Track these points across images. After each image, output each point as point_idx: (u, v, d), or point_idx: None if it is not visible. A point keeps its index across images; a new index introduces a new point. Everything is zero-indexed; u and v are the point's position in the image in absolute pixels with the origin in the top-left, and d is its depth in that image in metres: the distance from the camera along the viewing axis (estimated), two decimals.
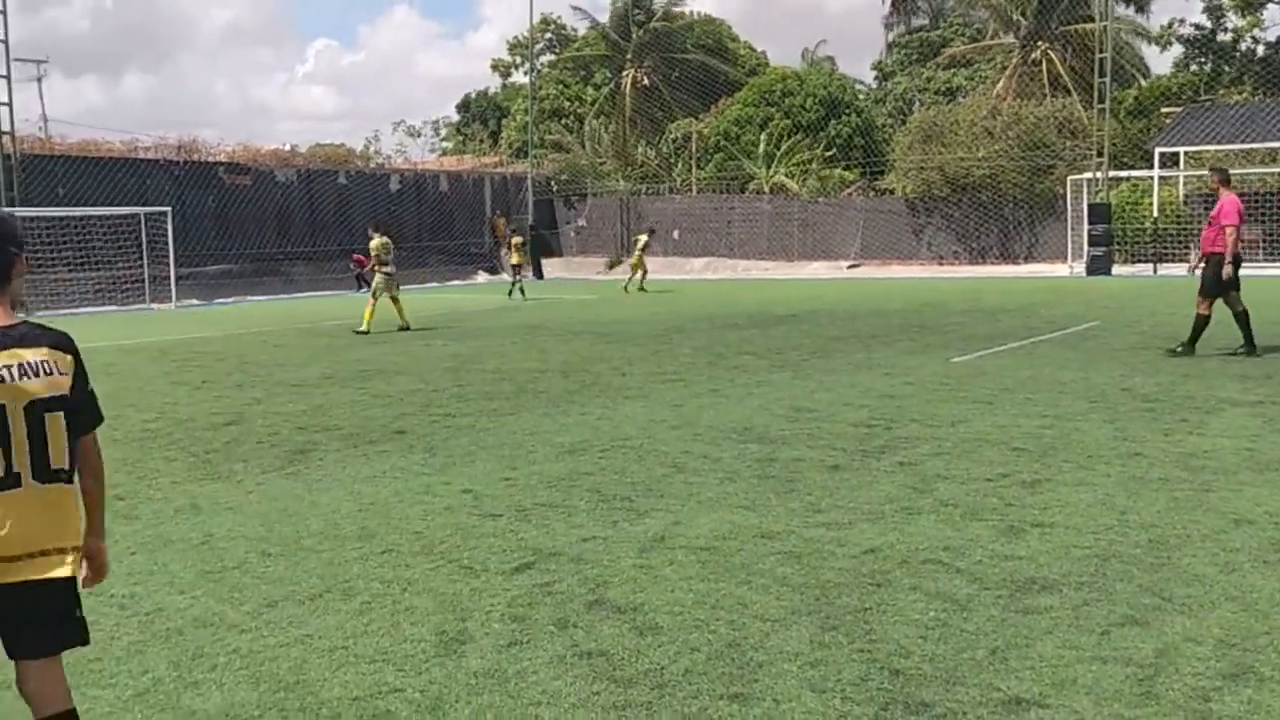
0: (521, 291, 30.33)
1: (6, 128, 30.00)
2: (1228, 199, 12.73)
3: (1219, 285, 12.63)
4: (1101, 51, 34.43)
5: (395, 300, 19.65)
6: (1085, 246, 33.19)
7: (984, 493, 6.63)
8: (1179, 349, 12.83)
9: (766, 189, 44.05)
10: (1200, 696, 3.83)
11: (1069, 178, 35.80)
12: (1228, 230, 12.50)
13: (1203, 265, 12.95)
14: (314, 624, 4.79)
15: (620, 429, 9.18)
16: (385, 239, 20.20)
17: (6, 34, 29.92)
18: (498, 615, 4.81)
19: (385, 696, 4.01)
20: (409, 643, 4.52)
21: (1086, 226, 33.19)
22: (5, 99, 29.86)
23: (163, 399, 11.77)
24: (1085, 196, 34.38)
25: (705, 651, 4.31)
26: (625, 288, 30.06)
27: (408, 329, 19.12)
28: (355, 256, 34.28)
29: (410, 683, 4.13)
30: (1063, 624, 4.50)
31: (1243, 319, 12.80)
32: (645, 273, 30.75)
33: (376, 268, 20.03)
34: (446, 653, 4.40)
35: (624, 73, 54.47)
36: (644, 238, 31.50)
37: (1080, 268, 33.32)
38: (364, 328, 18.88)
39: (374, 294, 19.87)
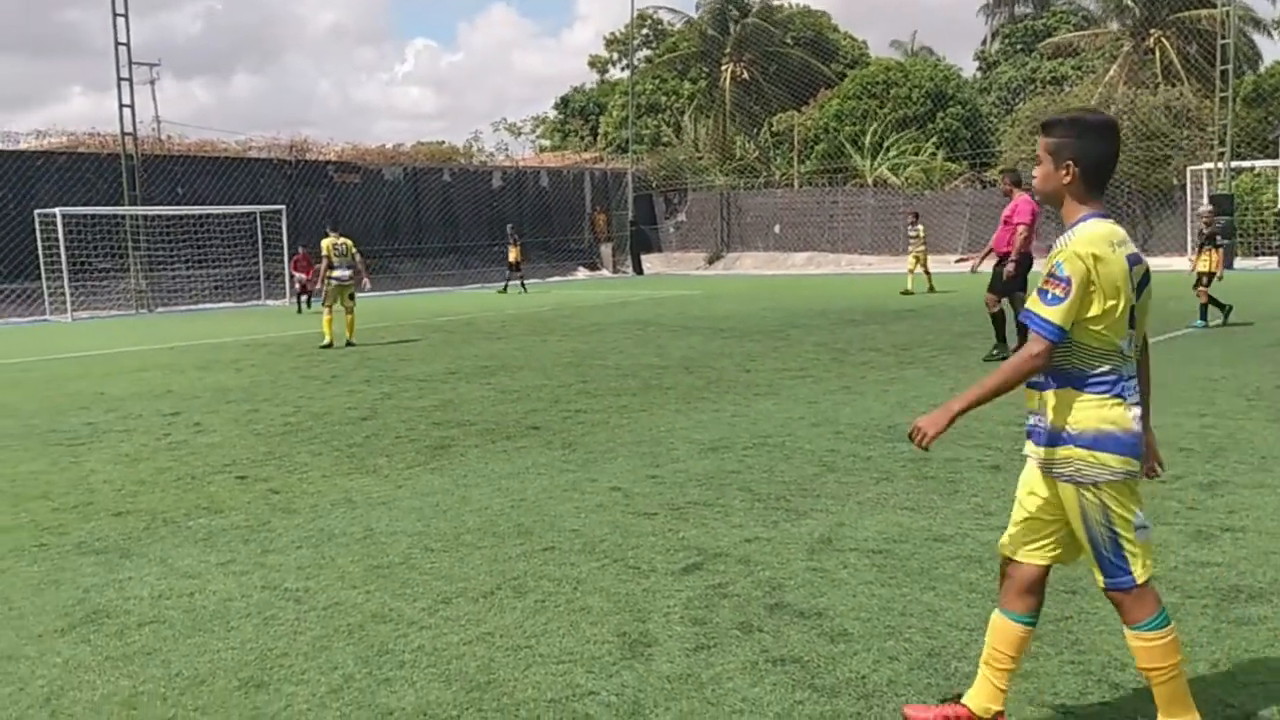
0: (505, 289, 32.36)
1: (129, 129, 30.92)
2: (1021, 199, 12.70)
3: (1008, 284, 12.59)
4: (1224, 38, 33.20)
5: (348, 311, 17.51)
6: None
7: (1161, 495, 6.33)
8: (994, 352, 12.57)
9: (870, 182, 43.41)
10: None
11: (1188, 168, 34.63)
12: (1019, 229, 12.43)
13: (981, 262, 14.05)
14: (492, 622, 4.73)
15: (758, 426, 9.03)
16: (337, 239, 17.73)
17: (128, 37, 30.88)
18: (676, 617, 4.71)
19: (581, 699, 3.92)
20: (592, 644, 4.44)
21: None
22: (127, 101, 30.79)
23: (296, 393, 11.95)
24: (1205, 187, 33.20)
25: (905, 661, 4.15)
26: (930, 288, 25.86)
27: (351, 344, 17.13)
28: (299, 258, 28.04)
29: (603, 685, 4.04)
30: None
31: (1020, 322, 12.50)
32: (926, 270, 26.11)
33: (326, 273, 17.68)
34: (633, 655, 4.30)
35: (722, 67, 54.16)
36: (916, 229, 26.73)
37: None
38: (326, 340, 17.06)
39: (324, 302, 17.70)
